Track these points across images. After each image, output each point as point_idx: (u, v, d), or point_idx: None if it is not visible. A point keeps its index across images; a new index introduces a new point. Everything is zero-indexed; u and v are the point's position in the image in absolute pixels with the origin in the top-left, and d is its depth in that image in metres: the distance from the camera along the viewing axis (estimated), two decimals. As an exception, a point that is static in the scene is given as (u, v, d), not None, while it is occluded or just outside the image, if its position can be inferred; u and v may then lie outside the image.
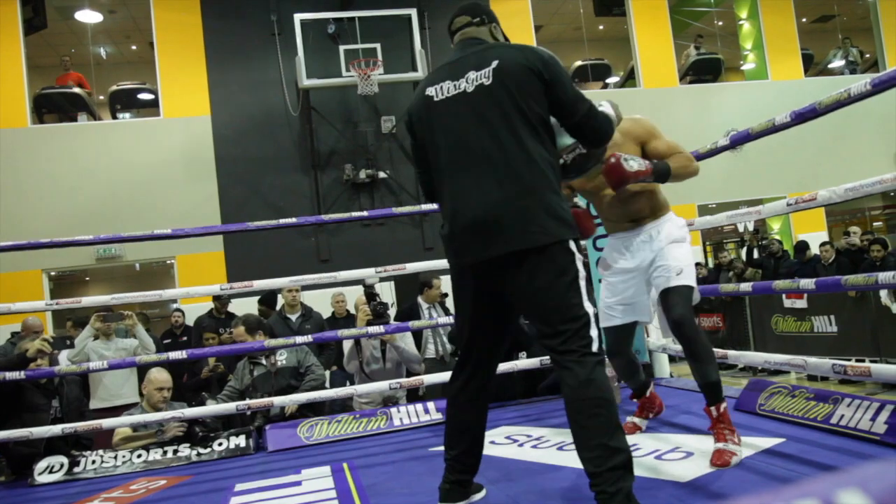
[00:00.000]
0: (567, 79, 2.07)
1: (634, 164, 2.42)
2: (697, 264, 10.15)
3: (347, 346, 4.61)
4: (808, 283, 2.68)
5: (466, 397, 2.16)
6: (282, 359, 4.13)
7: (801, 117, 2.51)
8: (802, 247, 8.55)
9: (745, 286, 3.21)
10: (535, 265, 1.95)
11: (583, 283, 1.99)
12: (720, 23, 13.51)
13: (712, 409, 2.53)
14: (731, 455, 2.37)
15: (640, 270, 2.74)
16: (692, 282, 2.61)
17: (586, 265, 2.02)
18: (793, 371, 5.32)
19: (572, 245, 1.99)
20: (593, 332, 1.96)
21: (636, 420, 3.10)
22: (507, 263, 1.98)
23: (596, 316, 2.03)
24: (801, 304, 7.22)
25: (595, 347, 1.96)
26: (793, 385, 2.99)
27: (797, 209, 2.70)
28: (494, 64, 2.03)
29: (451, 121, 2.07)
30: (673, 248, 2.67)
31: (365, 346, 4.50)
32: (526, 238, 1.94)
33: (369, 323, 4.22)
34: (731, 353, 3.35)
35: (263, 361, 4.13)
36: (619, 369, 3.09)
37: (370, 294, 4.35)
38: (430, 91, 2.12)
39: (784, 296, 7.25)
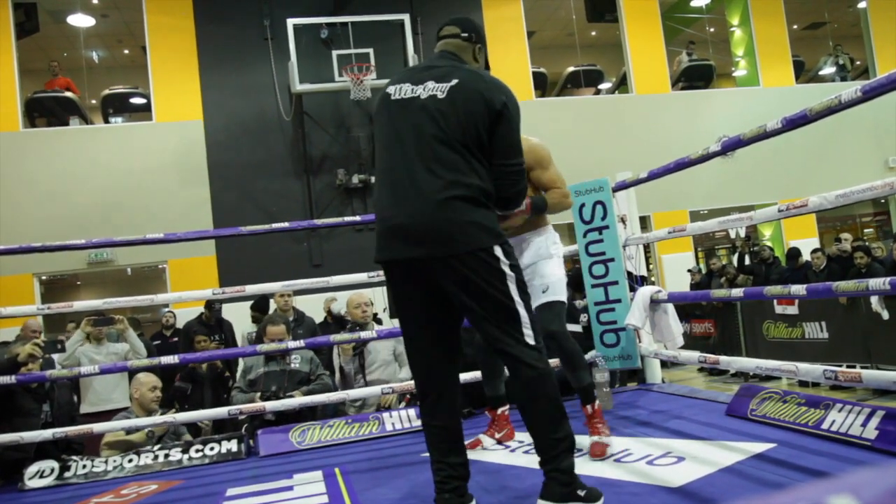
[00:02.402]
0: (517, 128, 2.14)
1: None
2: (689, 270, 10.21)
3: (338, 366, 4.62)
4: (799, 289, 2.69)
5: (444, 402, 2.15)
6: (296, 363, 4.15)
7: (793, 123, 2.52)
8: (794, 253, 8.59)
9: (737, 292, 3.23)
10: (459, 270, 2.00)
11: (512, 285, 2.04)
12: (712, 29, 13.61)
13: (588, 407, 2.88)
14: (606, 446, 2.72)
15: None
16: (561, 296, 2.88)
17: (515, 268, 2.05)
18: (784, 377, 5.33)
19: (497, 251, 2.04)
20: (527, 330, 2.05)
21: (482, 436, 3.11)
22: (430, 266, 2.03)
23: (529, 311, 2.09)
24: (793, 310, 7.24)
25: (532, 342, 2.05)
26: (784, 390, 2.99)
27: (788, 215, 2.72)
28: (454, 82, 2.09)
29: (397, 121, 2.12)
30: (541, 266, 2.87)
31: (345, 364, 4.51)
32: (446, 245, 2.00)
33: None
34: (723, 358, 3.36)
35: (277, 359, 4.14)
36: (482, 367, 3.17)
37: (340, 319, 4.34)
38: (391, 89, 2.18)
39: (775, 302, 7.28)
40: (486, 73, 2.20)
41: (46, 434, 3.50)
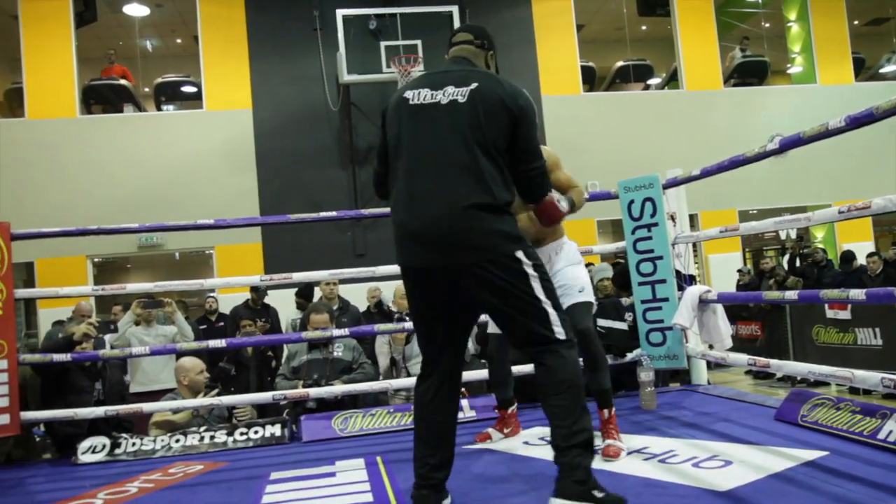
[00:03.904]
0: (535, 130, 2.18)
1: (564, 203, 2.61)
2: (739, 270, 10.02)
3: (385, 358, 4.64)
4: (858, 293, 2.61)
5: (442, 399, 2.20)
6: (338, 351, 4.20)
7: (857, 122, 2.44)
8: (849, 256, 8.34)
9: (791, 294, 3.14)
10: (482, 276, 2.03)
11: (536, 284, 2.08)
12: (767, 24, 13.26)
13: (604, 411, 2.90)
14: (619, 450, 2.74)
15: None
16: (591, 298, 3.02)
17: (539, 268, 2.11)
18: (833, 383, 5.16)
19: (520, 254, 2.07)
20: (555, 325, 2.07)
21: (491, 431, 3.26)
22: (452, 273, 2.06)
23: (558, 309, 2.12)
24: (845, 315, 7.03)
25: (561, 335, 2.07)
26: (838, 397, 2.91)
27: (849, 217, 2.63)
28: (473, 86, 2.11)
29: (418, 126, 2.14)
30: (572, 269, 3.01)
31: (396, 354, 4.53)
32: (468, 255, 2.03)
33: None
34: (774, 362, 3.28)
35: (320, 347, 4.20)
36: (492, 375, 3.32)
37: (389, 313, 4.37)
38: (408, 94, 2.18)
39: (826, 306, 7.08)
40: (504, 77, 2.21)
41: (99, 411, 3.61)
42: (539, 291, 2.07)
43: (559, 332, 2.07)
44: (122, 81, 10.70)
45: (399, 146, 2.17)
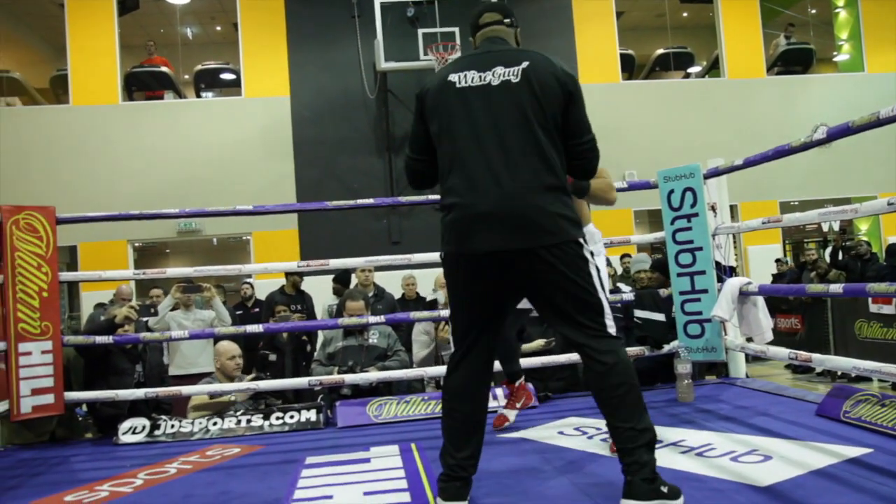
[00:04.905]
0: (584, 103, 2.13)
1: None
2: (777, 261, 9.83)
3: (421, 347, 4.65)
4: (907, 287, 2.53)
5: (476, 389, 2.18)
6: (373, 338, 4.22)
7: (911, 111, 2.35)
8: (894, 250, 8.10)
9: (835, 288, 3.05)
10: (547, 261, 2.01)
11: (594, 272, 2.08)
12: (814, 10, 12.89)
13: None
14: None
15: None
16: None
17: (591, 254, 2.12)
18: (876, 379, 5.02)
19: (581, 240, 2.07)
20: (608, 318, 2.07)
21: (506, 412, 3.28)
22: (519, 257, 2.02)
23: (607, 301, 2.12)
24: (889, 309, 6.85)
25: (613, 331, 2.07)
26: (883, 393, 2.83)
27: (899, 209, 2.55)
28: (525, 64, 2.07)
29: (471, 110, 2.08)
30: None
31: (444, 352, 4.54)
32: (541, 236, 2.00)
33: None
34: (816, 356, 3.20)
35: (355, 334, 4.23)
36: (501, 350, 3.23)
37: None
38: (453, 77, 2.12)
39: (870, 300, 6.90)
40: (549, 55, 2.15)
41: (139, 393, 3.69)
42: (595, 280, 2.07)
43: (610, 327, 2.06)
44: (163, 69, 10.87)
45: (449, 131, 2.11)
